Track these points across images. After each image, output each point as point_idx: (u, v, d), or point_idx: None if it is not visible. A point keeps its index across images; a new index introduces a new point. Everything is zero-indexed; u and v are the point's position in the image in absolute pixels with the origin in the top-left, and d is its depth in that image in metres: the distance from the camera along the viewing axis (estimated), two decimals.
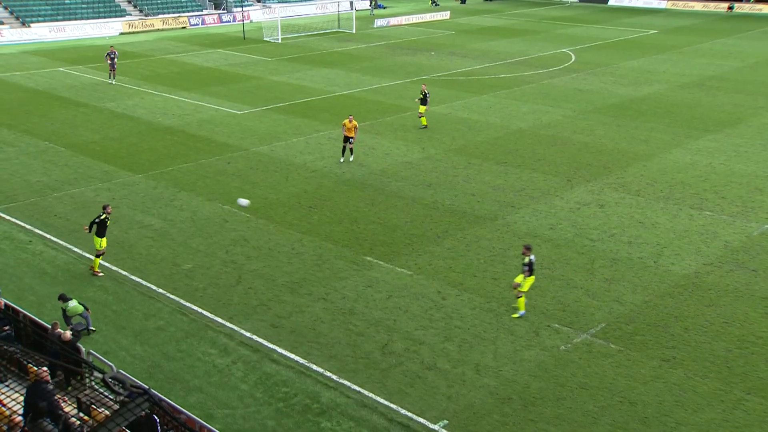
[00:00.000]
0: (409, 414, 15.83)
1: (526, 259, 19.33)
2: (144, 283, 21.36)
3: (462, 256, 23.26)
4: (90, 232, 21.43)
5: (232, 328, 19.06)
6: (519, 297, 19.73)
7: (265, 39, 65.43)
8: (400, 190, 28.81)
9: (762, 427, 15.48)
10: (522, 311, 19.77)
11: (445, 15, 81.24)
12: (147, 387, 9.68)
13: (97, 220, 21.21)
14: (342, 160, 31.97)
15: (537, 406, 16.19)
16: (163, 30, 70.65)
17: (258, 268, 22.38)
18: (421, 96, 36.65)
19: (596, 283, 21.47)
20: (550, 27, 71.84)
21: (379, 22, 74.26)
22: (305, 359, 17.75)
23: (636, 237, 24.48)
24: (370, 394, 16.46)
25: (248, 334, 18.76)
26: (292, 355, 17.89)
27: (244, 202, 23.43)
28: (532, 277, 19.55)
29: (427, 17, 79.73)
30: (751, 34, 66.34)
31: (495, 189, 28.97)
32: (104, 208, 21.62)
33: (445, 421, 15.62)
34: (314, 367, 17.46)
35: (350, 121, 31.18)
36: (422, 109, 36.68)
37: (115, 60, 47.05)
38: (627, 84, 47.26)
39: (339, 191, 28.73)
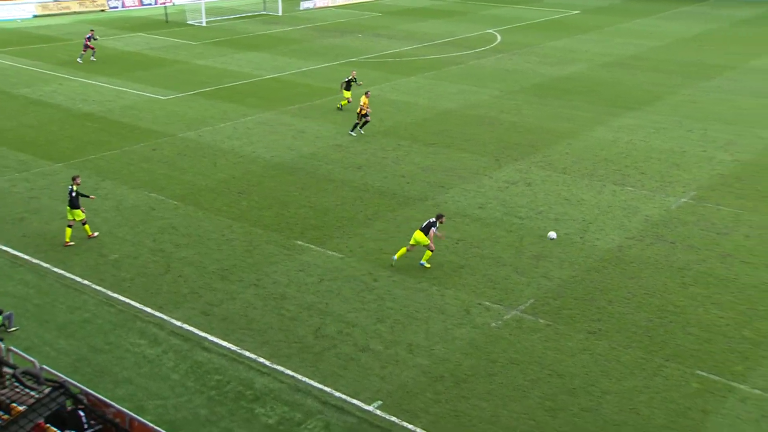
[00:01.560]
0: (343, 396, 15.90)
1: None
2: (68, 275, 20.77)
3: (393, 237, 23.38)
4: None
5: (161, 318, 18.73)
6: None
7: (188, 22, 63.98)
8: (330, 173, 28.72)
9: (679, 390, 16.15)
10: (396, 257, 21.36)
11: None
12: (62, 380, 9.42)
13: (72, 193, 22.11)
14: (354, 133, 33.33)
15: (469, 382, 16.48)
16: (80, 13, 68.26)
17: (187, 255, 22.03)
18: (346, 81, 36.44)
19: (525, 260, 21.91)
20: (475, 8, 72.44)
21: (305, 5, 73.50)
22: (237, 346, 17.61)
23: (562, 214, 25.05)
24: (304, 378, 16.46)
25: (179, 323, 18.48)
26: (224, 343, 17.72)
27: (553, 234, 22.47)
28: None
29: None
30: (667, 15, 68.33)
31: (424, 170, 29.18)
32: (73, 179, 22.43)
33: (379, 402, 15.74)
34: (247, 353, 17.34)
35: (367, 97, 32.90)
36: (347, 94, 36.54)
37: (90, 42, 47.17)
38: (551, 64, 48.12)
39: (268, 176, 28.46)
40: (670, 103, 38.44)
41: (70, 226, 22.48)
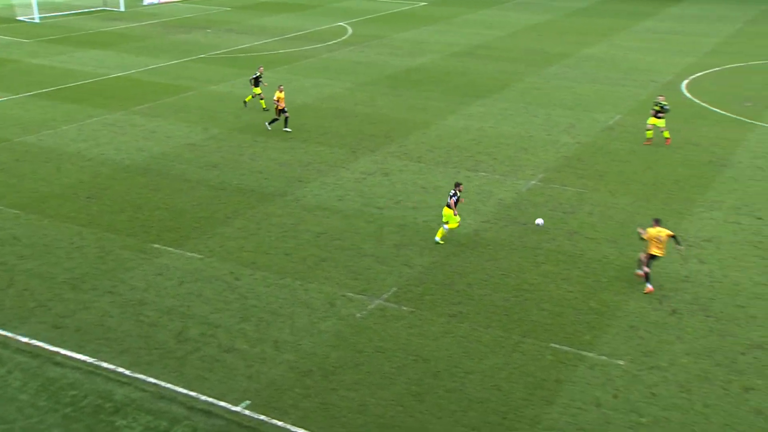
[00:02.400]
0: (210, 399, 15.55)
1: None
2: None
3: (253, 234, 23.07)
4: None
5: (5, 335, 17.54)
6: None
7: (18, 18, 60.04)
8: (184, 173, 27.91)
9: (535, 364, 16.96)
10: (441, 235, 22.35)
11: None
12: None
13: None
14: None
15: (337, 374, 16.55)
16: None
17: (33, 267, 20.74)
18: (254, 78, 35.29)
19: (386, 250, 22.24)
20: (326, 1, 72.56)
21: (148, 0, 70.85)
22: (94, 358, 16.79)
23: (420, 202, 25.61)
24: (168, 385, 15.94)
25: (25, 339, 17.38)
26: (79, 355, 16.85)
27: (540, 221, 22.55)
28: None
29: None
30: (509, 6, 71.30)
31: (282, 165, 28.96)
32: None
33: (248, 402, 15.52)
34: (104, 364, 16.57)
35: (281, 92, 31.93)
36: (256, 91, 35.53)
37: None
38: (402, 55, 49.00)
39: (119, 178, 27.28)
40: (517, 90, 40.16)
41: None
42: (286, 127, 32.58)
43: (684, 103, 37.57)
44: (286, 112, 32.39)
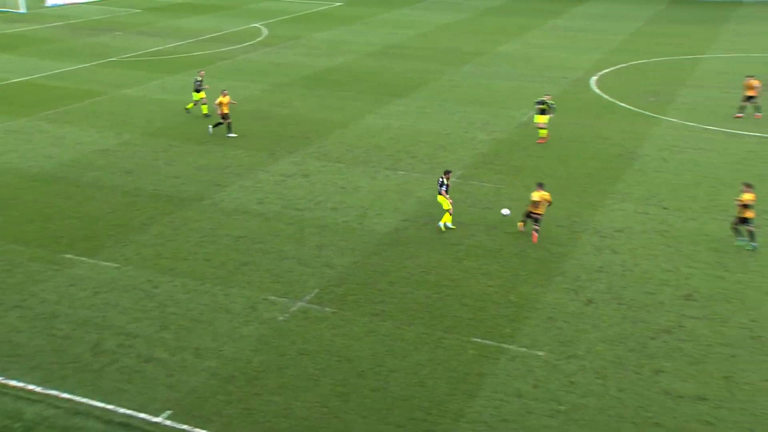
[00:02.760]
0: (129, 411, 15.14)
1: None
2: None
3: (171, 241, 22.58)
4: None
5: None
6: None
7: None
8: (97, 180, 27.08)
9: (458, 359, 17.18)
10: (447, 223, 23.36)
11: None
12: None
13: None
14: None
15: (260, 379, 16.37)
16: None
17: None
18: (197, 82, 34.25)
19: (307, 251, 22.12)
20: (239, 2, 71.63)
21: (51, 1, 68.36)
22: (1, 376, 16.09)
23: (340, 202, 25.58)
24: (84, 399, 15.44)
25: None
26: None
27: (506, 211, 23.60)
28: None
29: None
30: (424, 5, 72.03)
31: (199, 169, 28.44)
32: None
33: (169, 412, 15.18)
34: (13, 382, 15.91)
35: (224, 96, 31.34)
36: (196, 96, 34.57)
37: None
38: (319, 55, 48.85)
39: (27, 188, 26.25)
40: (433, 89, 40.59)
41: None
42: (229, 133, 31.97)
43: (593, 98, 38.77)
44: (228, 117, 31.79)
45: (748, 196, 21.66)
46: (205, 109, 34.68)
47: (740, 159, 29.65)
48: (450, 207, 23.35)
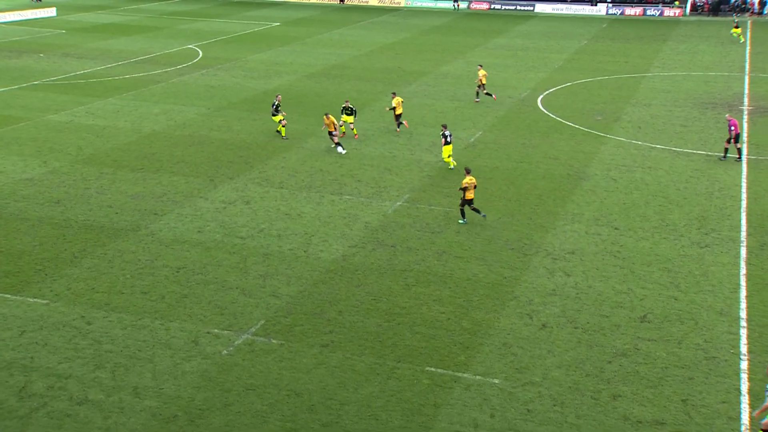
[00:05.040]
0: None
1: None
2: None
3: (105, 273, 21.38)
4: None
5: None
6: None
7: None
8: (22, 211, 25.63)
9: (412, 389, 16.52)
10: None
11: (51, 12, 74.90)
12: None
13: None
14: None
15: (204, 417, 15.42)
16: None
17: None
18: None
19: (251, 281, 21.21)
20: (171, 23, 70.29)
21: None
22: None
23: (284, 229, 24.74)
24: None
25: None
26: None
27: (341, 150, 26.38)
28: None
29: (29, 14, 73.06)
30: (363, 25, 71.95)
31: (134, 198, 27.22)
32: None
33: None
34: None
35: None
36: (276, 119, 34.14)
37: None
38: (258, 77, 47.99)
39: None
40: (376, 110, 40.13)
41: None
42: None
43: (540, 117, 38.88)
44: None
45: (468, 179, 24.74)
46: (283, 131, 34.77)
47: (687, 177, 29.92)
48: (449, 153, 29.71)
